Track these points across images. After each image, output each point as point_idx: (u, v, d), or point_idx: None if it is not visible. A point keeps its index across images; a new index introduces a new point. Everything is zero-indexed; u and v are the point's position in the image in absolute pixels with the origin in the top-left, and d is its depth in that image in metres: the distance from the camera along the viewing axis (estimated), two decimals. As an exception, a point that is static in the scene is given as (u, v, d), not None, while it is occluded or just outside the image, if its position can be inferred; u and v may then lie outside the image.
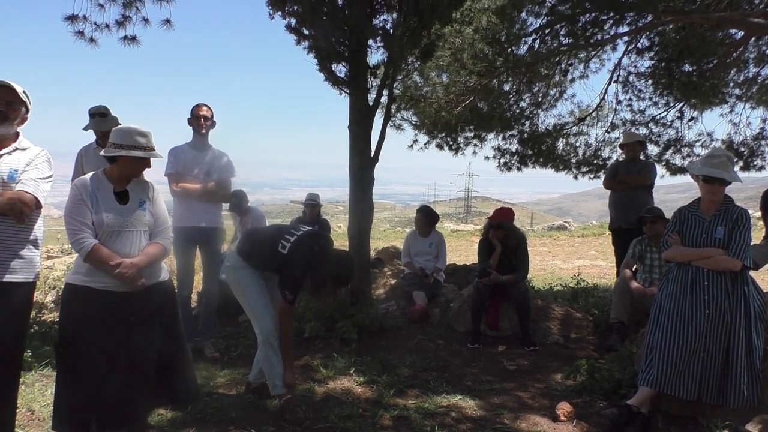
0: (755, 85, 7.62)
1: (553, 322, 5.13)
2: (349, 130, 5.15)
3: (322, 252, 3.22)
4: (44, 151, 2.70)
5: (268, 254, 3.26)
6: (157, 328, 2.70)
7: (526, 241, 5.29)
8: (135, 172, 2.73)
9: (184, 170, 4.33)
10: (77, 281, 2.62)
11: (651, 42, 7.55)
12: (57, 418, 2.60)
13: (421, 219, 6.16)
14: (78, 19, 5.26)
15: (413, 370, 4.07)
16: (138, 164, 2.70)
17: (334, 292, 3.38)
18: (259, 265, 3.31)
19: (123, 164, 2.68)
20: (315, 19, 4.73)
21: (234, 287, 3.36)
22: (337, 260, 3.26)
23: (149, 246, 2.71)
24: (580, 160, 8.37)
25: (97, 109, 4.34)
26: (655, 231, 4.72)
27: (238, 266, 3.32)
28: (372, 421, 3.18)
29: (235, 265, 3.33)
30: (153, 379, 2.68)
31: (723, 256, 3.09)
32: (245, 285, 3.29)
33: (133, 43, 5.48)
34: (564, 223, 22.92)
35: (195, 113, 4.42)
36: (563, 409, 3.26)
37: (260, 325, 3.25)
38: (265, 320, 3.24)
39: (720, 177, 3.08)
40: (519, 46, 7.37)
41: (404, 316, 5.50)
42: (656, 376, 3.11)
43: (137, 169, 2.72)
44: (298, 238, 3.25)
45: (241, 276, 3.31)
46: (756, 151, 7.90)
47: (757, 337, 3.06)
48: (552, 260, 12.43)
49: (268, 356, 3.24)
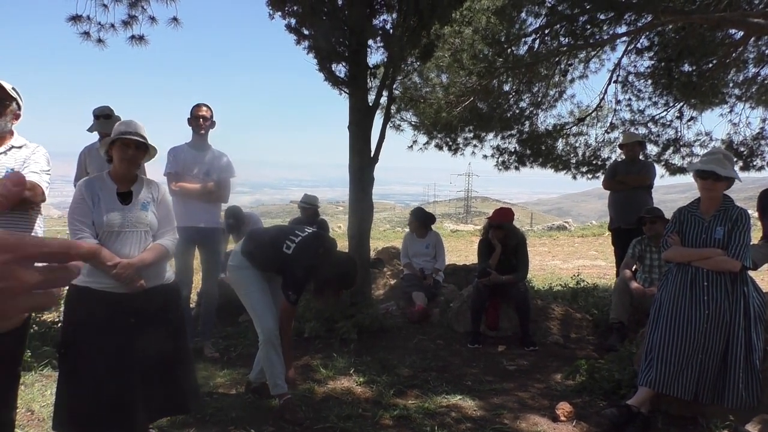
0: (755, 85, 7.63)
1: (553, 322, 5.13)
2: (349, 130, 5.15)
3: (327, 254, 3.23)
4: (41, 147, 2.69)
5: (272, 254, 3.27)
6: (160, 330, 2.68)
7: (525, 242, 5.30)
8: (130, 163, 2.66)
9: (184, 170, 4.32)
10: (78, 282, 2.62)
11: (651, 42, 7.56)
12: (57, 419, 2.60)
13: (413, 222, 6.17)
14: (82, 20, 5.26)
15: (413, 370, 4.08)
16: (130, 152, 2.64)
17: (336, 294, 3.38)
18: (262, 264, 3.31)
19: (116, 154, 2.65)
20: (315, 19, 4.73)
21: (237, 287, 3.37)
22: (341, 262, 3.27)
23: (151, 247, 2.70)
24: (579, 160, 8.38)
25: (102, 111, 4.34)
26: (654, 231, 4.72)
27: (242, 266, 3.32)
28: (372, 421, 3.18)
29: (238, 265, 3.33)
30: (155, 382, 2.66)
31: (723, 257, 3.09)
32: (248, 284, 3.30)
33: (141, 43, 5.49)
34: (564, 223, 22.91)
35: (194, 113, 4.42)
36: (563, 409, 3.26)
37: (262, 324, 3.25)
38: (267, 319, 3.24)
39: (713, 171, 3.08)
40: (519, 46, 7.37)
41: (404, 317, 5.50)
42: (655, 376, 3.11)
43: (132, 159, 2.66)
44: (303, 238, 3.25)
45: (244, 276, 3.31)
46: (755, 151, 7.91)
47: (756, 338, 3.06)
48: (552, 260, 12.43)
49: (269, 356, 3.24)
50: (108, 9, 5.23)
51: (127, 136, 2.63)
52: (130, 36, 5.42)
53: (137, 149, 2.66)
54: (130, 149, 2.65)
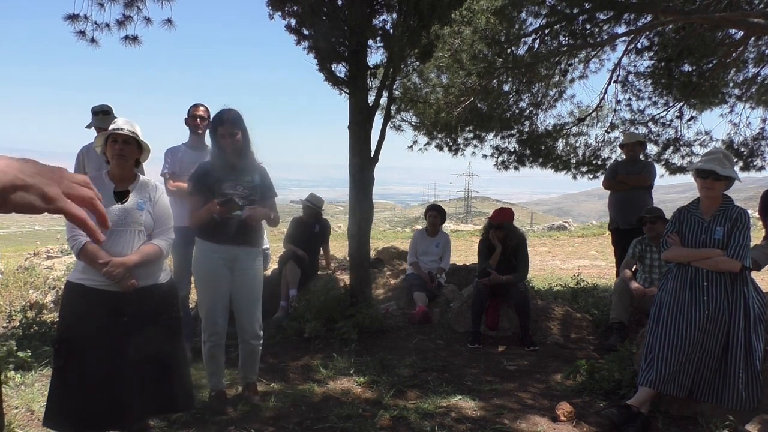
0: (755, 85, 7.63)
1: (553, 322, 5.13)
2: (349, 130, 5.15)
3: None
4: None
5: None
6: (154, 330, 2.68)
7: (526, 242, 5.29)
8: (120, 158, 2.68)
9: (181, 170, 4.32)
10: (73, 279, 2.66)
11: (650, 42, 7.57)
12: (47, 414, 2.61)
13: (437, 216, 6.15)
14: (79, 19, 5.26)
15: (413, 371, 4.07)
16: (117, 147, 2.67)
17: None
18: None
19: (108, 153, 2.70)
20: (315, 19, 4.73)
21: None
22: None
23: (144, 246, 2.70)
24: (579, 160, 8.39)
25: (101, 108, 4.37)
26: (655, 231, 4.72)
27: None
28: (372, 422, 3.18)
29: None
30: (148, 382, 2.65)
31: (722, 257, 3.09)
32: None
33: (135, 43, 5.49)
34: (564, 223, 22.87)
35: (192, 113, 4.42)
36: (563, 409, 3.26)
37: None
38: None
39: (712, 170, 3.08)
40: (518, 46, 7.38)
41: (404, 316, 5.50)
42: (656, 376, 3.11)
43: (121, 153, 2.68)
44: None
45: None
46: (756, 151, 7.91)
47: (756, 338, 3.06)
48: (552, 260, 12.43)
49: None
50: (104, 8, 5.23)
51: (115, 131, 2.66)
52: (124, 36, 5.42)
53: (125, 143, 2.68)
54: (117, 144, 2.68)
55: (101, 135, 2.77)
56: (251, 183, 3.27)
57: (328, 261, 6.59)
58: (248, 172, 3.28)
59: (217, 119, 3.21)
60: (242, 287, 3.31)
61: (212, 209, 3.10)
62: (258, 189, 3.29)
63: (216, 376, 3.40)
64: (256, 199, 3.25)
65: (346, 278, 6.02)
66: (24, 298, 6.68)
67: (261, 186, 3.31)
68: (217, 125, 3.19)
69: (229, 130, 3.16)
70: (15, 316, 5.38)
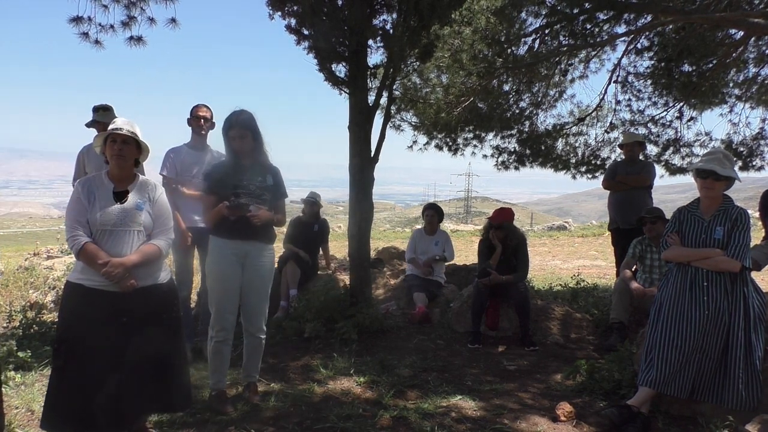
0: (755, 85, 7.64)
1: (553, 322, 5.13)
2: (349, 130, 5.15)
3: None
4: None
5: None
6: (153, 330, 2.68)
7: (526, 242, 5.29)
8: (119, 158, 2.68)
9: (183, 171, 4.32)
10: (73, 279, 2.66)
11: (650, 42, 7.57)
12: (45, 415, 2.60)
13: (434, 215, 6.19)
14: (83, 21, 5.27)
15: (413, 371, 4.07)
16: (116, 146, 2.68)
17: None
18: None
19: (107, 153, 2.71)
20: (315, 19, 4.72)
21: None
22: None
23: (143, 246, 2.70)
24: (579, 160, 8.39)
25: (101, 105, 4.38)
26: (655, 231, 4.72)
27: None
28: (372, 422, 3.18)
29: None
30: (146, 382, 2.65)
31: (722, 257, 3.09)
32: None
33: (140, 44, 5.51)
34: (564, 223, 22.89)
35: (194, 114, 4.42)
36: (563, 409, 3.26)
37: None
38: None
39: (712, 170, 3.09)
40: (519, 46, 7.38)
41: (404, 316, 5.50)
42: (656, 376, 3.11)
43: (119, 153, 2.68)
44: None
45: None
46: (755, 151, 7.92)
47: (756, 338, 3.06)
48: (552, 260, 12.44)
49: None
50: (108, 10, 5.24)
51: (114, 131, 2.66)
52: (129, 37, 5.43)
53: (124, 143, 2.69)
54: (116, 144, 2.68)
55: (100, 135, 2.77)
56: (263, 183, 3.33)
57: (327, 261, 6.60)
58: (260, 173, 3.34)
59: (228, 121, 3.28)
60: (252, 282, 3.36)
61: (222, 211, 3.19)
62: (270, 189, 3.36)
63: (218, 374, 3.40)
64: (267, 199, 3.31)
65: (346, 278, 6.02)
66: (24, 298, 6.68)
67: (273, 187, 3.38)
68: (229, 127, 3.27)
69: (239, 132, 3.25)
70: (15, 316, 5.39)
